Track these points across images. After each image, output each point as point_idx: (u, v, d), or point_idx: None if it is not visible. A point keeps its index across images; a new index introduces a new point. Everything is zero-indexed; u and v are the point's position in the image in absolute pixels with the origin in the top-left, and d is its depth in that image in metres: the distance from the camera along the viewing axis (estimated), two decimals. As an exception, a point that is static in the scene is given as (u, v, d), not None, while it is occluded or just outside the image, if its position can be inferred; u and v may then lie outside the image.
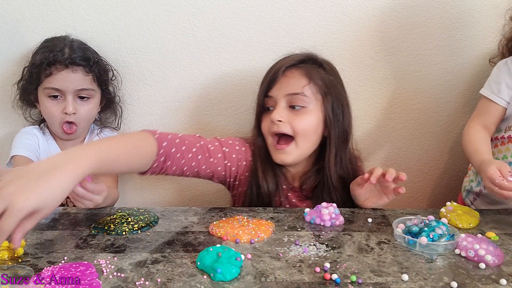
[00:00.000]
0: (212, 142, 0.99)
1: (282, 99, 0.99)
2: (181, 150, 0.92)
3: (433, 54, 1.26)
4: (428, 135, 1.34)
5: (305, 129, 0.98)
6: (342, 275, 0.68)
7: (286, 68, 0.99)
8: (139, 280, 0.66)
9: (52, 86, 1.08)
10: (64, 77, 1.08)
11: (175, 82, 1.25)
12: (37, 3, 1.17)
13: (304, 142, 0.99)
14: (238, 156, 1.02)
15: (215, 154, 0.98)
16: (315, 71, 1.00)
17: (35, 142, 1.15)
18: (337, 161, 1.01)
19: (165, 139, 0.89)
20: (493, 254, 0.72)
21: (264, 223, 0.86)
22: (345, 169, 1.03)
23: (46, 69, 1.07)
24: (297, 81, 0.98)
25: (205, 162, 0.96)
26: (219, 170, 0.99)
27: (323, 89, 1.00)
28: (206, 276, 0.67)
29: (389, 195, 0.96)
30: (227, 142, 1.01)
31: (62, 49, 1.08)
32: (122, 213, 0.91)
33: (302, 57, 1.02)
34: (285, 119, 0.97)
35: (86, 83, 1.11)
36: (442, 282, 0.66)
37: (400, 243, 0.79)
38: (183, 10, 1.19)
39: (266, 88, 1.01)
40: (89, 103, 1.13)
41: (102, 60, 1.17)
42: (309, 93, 0.98)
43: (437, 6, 1.22)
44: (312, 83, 0.98)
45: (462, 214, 0.89)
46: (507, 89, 1.06)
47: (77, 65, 1.08)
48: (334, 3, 1.20)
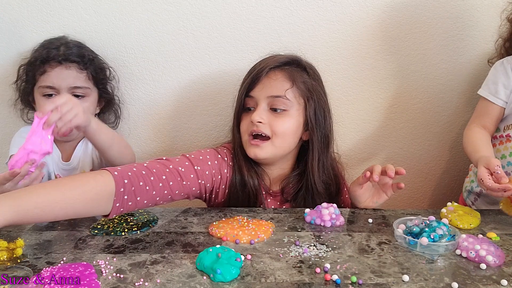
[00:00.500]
0: (182, 163, 0.92)
1: (264, 100, 0.98)
2: (150, 181, 0.83)
3: (433, 53, 1.25)
4: (428, 135, 1.34)
5: (284, 131, 0.98)
6: (343, 275, 0.68)
7: (269, 70, 0.98)
8: (138, 281, 0.65)
9: (46, 84, 1.07)
10: (58, 73, 1.07)
11: (175, 82, 1.25)
12: (37, 3, 1.17)
13: (281, 143, 0.99)
14: (211, 172, 0.97)
15: (188, 176, 0.91)
16: (298, 75, 1.00)
17: None
18: (319, 166, 1.01)
19: (125, 176, 0.79)
20: (494, 255, 0.72)
21: (264, 224, 0.85)
22: (327, 174, 1.03)
23: (40, 66, 1.06)
24: (280, 83, 0.98)
25: (178, 187, 0.89)
26: (194, 190, 0.93)
27: (306, 94, 0.99)
28: (205, 277, 0.67)
29: (388, 192, 0.97)
30: (197, 159, 0.95)
31: (58, 47, 1.08)
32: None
33: (286, 59, 1.01)
34: (265, 120, 0.97)
35: (81, 80, 1.09)
36: (443, 282, 0.66)
37: (401, 243, 0.79)
38: (183, 10, 1.19)
39: (247, 88, 0.99)
40: (84, 101, 1.11)
41: (98, 59, 1.16)
42: (291, 96, 0.98)
43: (437, 5, 1.21)
44: (295, 86, 0.98)
45: (463, 215, 0.89)
46: (504, 89, 1.06)
47: (71, 61, 1.07)
48: (335, 3, 1.19)
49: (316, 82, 1.02)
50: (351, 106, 1.29)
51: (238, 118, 1.03)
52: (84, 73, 1.10)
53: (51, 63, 1.07)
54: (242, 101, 1.01)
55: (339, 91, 1.27)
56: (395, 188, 0.96)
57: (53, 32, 1.17)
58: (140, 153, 1.30)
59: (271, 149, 0.98)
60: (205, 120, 1.29)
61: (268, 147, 0.98)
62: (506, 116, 1.09)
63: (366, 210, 0.97)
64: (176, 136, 1.31)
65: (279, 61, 1.00)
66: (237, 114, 1.03)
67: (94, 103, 1.16)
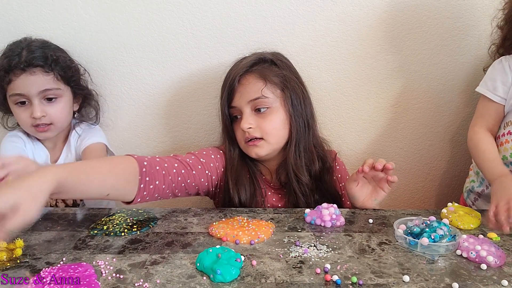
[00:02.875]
0: (189, 156, 0.98)
1: (246, 106, 1.01)
2: (164, 167, 0.89)
3: (434, 53, 1.25)
4: (429, 135, 1.33)
5: (273, 129, 1.02)
6: (343, 276, 0.67)
7: (240, 77, 1.02)
8: (138, 281, 0.65)
9: (15, 92, 1.06)
10: (24, 81, 1.04)
11: (175, 82, 1.25)
12: (37, 3, 1.16)
13: (274, 139, 1.03)
14: (215, 164, 1.03)
15: (195, 166, 0.97)
16: (268, 70, 1.02)
17: (21, 145, 1.14)
18: (298, 149, 1.04)
19: (144, 159, 0.87)
20: (495, 256, 0.72)
21: (264, 224, 0.85)
22: (310, 154, 1.05)
23: (5, 76, 1.04)
24: (254, 86, 1.01)
25: (189, 176, 0.94)
26: (203, 181, 0.98)
27: (280, 86, 1.03)
28: (205, 277, 0.67)
29: (384, 188, 0.97)
30: (201, 154, 1.01)
31: (19, 53, 1.05)
32: (121, 214, 0.91)
33: (251, 61, 1.03)
34: (254, 124, 1.01)
35: (49, 83, 1.07)
36: (443, 283, 0.66)
37: (401, 244, 0.79)
38: (182, 9, 1.19)
39: (227, 99, 1.04)
40: (58, 102, 1.10)
41: (63, 57, 1.11)
42: (269, 93, 1.01)
43: (437, 5, 1.21)
44: (269, 83, 1.01)
45: (464, 215, 0.89)
46: (502, 86, 1.06)
47: (34, 66, 1.04)
48: (335, 2, 1.19)
49: (287, 71, 1.05)
50: (351, 106, 1.29)
51: (228, 130, 1.07)
52: (50, 75, 1.07)
53: (14, 72, 1.03)
54: (227, 112, 1.05)
55: (339, 91, 1.27)
56: (388, 182, 0.96)
57: (53, 32, 1.17)
58: (139, 153, 1.29)
59: (268, 146, 1.02)
60: (205, 120, 1.29)
61: (264, 145, 1.02)
62: (506, 114, 1.09)
63: (367, 210, 0.96)
64: (176, 136, 1.31)
65: (246, 65, 1.03)
66: (226, 125, 1.07)
67: (70, 101, 1.14)
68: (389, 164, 0.93)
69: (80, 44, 1.20)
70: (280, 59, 1.06)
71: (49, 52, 1.08)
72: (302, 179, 1.03)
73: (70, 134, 1.19)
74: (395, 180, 0.95)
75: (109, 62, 1.22)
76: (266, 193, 1.07)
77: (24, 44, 1.08)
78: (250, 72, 1.02)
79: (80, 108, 1.19)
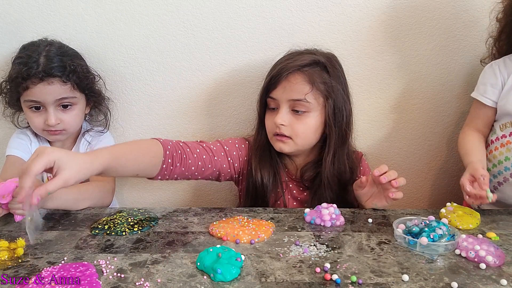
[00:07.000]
0: (214, 144, 1.05)
1: (285, 103, 1.01)
2: (186, 151, 0.98)
3: (433, 54, 1.26)
4: (428, 135, 1.34)
5: (304, 132, 1.02)
6: (343, 275, 0.68)
7: (288, 73, 1.00)
8: (139, 281, 0.66)
9: (31, 99, 1.05)
10: (41, 90, 1.04)
11: (175, 82, 1.25)
12: (37, 3, 1.17)
13: (302, 141, 1.03)
14: (239, 153, 1.07)
15: (218, 153, 1.03)
16: (317, 75, 1.00)
17: (27, 143, 1.15)
18: (334, 159, 1.05)
19: (169, 143, 0.96)
20: (494, 255, 0.72)
21: (264, 224, 0.85)
22: (343, 166, 1.06)
23: (22, 83, 1.03)
24: (299, 87, 0.99)
25: (210, 161, 1.01)
26: (224, 167, 1.04)
27: (325, 93, 1.01)
28: (206, 276, 0.67)
29: (388, 199, 0.94)
30: (227, 142, 1.07)
31: (37, 60, 1.04)
32: (122, 213, 0.91)
33: (305, 61, 1.01)
34: (287, 123, 1.01)
35: (66, 92, 1.07)
36: (442, 282, 0.66)
37: (401, 243, 0.79)
38: (183, 10, 1.19)
39: (268, 88, 1.03)
40: (72, 110, 1.10)
41: (80, 66, 1.11)
42: (311, 98, 1.00)
43: (437, 6, 1.22)
44: (315, 88, 1.00)
45: (463, 215, 0.89)
46: (491, 89, 1.10)
47: (53, 76, 1.04)
48: (335, 3, 1.20)
49: (336, 80, 1.03)
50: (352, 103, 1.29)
51: (262, 115, 1.09)
52: (68, 85, 1.07)
53: (32, 80, 1.03)
54: (264, 100, 1.06)
55: (339, 91, 1.27)
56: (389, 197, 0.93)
57: (53, 32, 1.17)
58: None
59: (293, 145, 1.04)
60: (205, 120, 1.29)
61: (291, 144, 1.03)
62: (500, 116, 1.10)
63: (366, 210, 0.97)
64: (177, 137, 1.30)
65: (298, 64, 1.00)
66: (260, 111, 1.09)
67: (83, 107, 1.15)
68: (395, 181, 0.91)
69: (84, 46, 1.19)
70: (333, 66, 1.04)
71: (67, 61, 1.07)
72: (333, 187, 1.05)
73: (80, 140, 1.19)
74: (398, 197, 0.92)
75: (110, 62, 1.22)
76: (288, 184, 1.09)
77: (41, 49, 1.07)
78: (300, 71, 1.00)
79: (90, 110, 1.20)
